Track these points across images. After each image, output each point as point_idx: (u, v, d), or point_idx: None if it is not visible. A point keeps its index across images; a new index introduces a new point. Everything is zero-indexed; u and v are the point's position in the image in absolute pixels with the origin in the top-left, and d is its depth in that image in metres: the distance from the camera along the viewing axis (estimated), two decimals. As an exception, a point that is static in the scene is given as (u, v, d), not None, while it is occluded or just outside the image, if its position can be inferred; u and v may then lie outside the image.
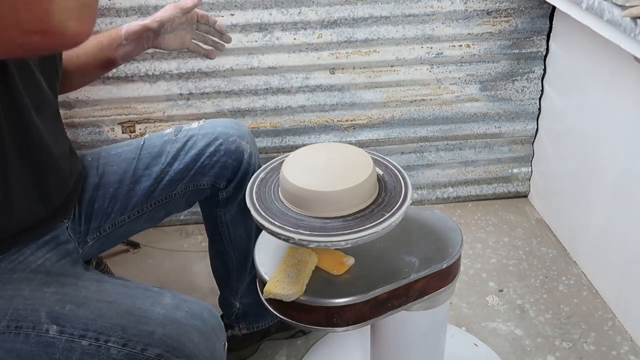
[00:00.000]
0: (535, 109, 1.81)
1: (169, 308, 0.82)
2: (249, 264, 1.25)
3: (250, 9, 1.59)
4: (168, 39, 1.11)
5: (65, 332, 0.80)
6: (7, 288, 0.84)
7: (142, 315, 0.80)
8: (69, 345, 0.79)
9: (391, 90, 1.74)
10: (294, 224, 0.85)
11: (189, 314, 0.82)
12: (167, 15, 1.07)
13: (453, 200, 1.92)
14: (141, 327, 0.79)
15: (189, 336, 0.79)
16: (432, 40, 1.68)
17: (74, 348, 0.79)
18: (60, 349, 0.79)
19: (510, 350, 1.34)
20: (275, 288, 0.86)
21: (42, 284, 0.85)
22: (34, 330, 0.80)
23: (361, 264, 0.91)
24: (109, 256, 1.66)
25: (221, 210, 1.20)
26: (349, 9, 1.62)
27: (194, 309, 0.83)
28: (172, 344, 0.77)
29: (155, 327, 0.79)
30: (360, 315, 0.88)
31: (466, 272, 1.58)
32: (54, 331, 0.80)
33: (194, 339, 0.79)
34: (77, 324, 0.80)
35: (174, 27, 1.09)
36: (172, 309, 0.82)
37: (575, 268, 1.59)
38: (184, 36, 1.13)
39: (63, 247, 0.95)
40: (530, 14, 1.66)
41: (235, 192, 1.16)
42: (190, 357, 0.78)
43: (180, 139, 1.13)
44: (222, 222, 1.21)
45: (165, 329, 0.79)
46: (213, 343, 0.82)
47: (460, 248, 0.95)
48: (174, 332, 0.79)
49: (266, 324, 1.34)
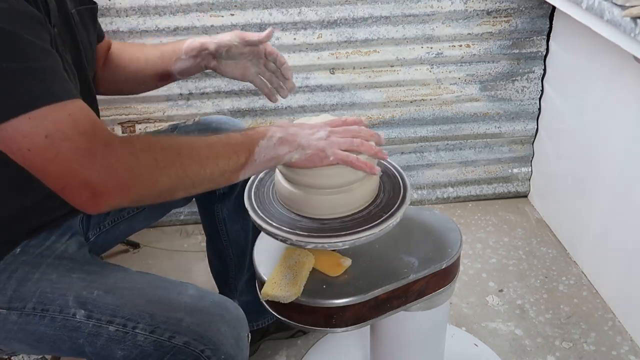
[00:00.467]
0: (535, 109, 1.80)
1: (195, 298, 0.83)
2: (246, 260, 1.25)
3: (250, 9, 1.59)
4: (227, 65, 1.07)
5: (92, 317, 0.80)
6: (34, 271, 0.84)
7: (169, 304, 0.81)
8: (96, 330, 0.80)
9: (391, 90, 1.74)
10: (292, 225, 0.85)
11: (214, 304, 0.83)
12: (226, 39, 1.03)
13: (453, 200, 1.92)
14: (169, 314, 0.80)
15: (216, 325, 0.80)
16: (432, 40, 1.68)
17: (100, 333, 0.80)
18: (85, 334, 0.80)
19: (510, 350, 1.34)
20: (272, 290, 0.86)
21: (68, 270, 0.85)
22: (60, 313, 0.81)
23: (360, 264, 0.91)
24: (109, 256, 1.66)
25: (218, 206, 1.20)
26: (349, 9, 1.62)
27: (217, 299, 0.85)
28: (199, 332, 0.78)
29: (183, 315, 0.79)
30: (359, 315, 0.88)
31: (466, 272, 1.58)
32: (81, 316, 0.80)
33: (220, 327, 0.80)
34: (105, 310, 0.80)
35: (232, 54, 1.05)
36: (198, 299, 0.83)
37: (575, 268, 1.59)
38: (246, 67, 1.08)
39: (78, 237, 0.96)
40: (530, 14, 1.66)
41: (232, 187, 1.16)
42: (217, 344, 0.78)
43: None
44: (219, 218, 1.21)
45: (192, 317, 0.79)
46: (238, 332, 0.82)
47: (459, 248, 0.95)
48: (201, 321, 0.79)
49: (266, 322, 1.34)
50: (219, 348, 0.78)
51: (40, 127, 0.65)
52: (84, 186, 0.67)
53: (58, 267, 0.86)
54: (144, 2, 1.55)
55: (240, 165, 0.77)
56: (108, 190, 0.68)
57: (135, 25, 1.58)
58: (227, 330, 0.80)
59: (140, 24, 1.58)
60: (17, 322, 0.81)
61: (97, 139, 0.68)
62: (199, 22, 1.60)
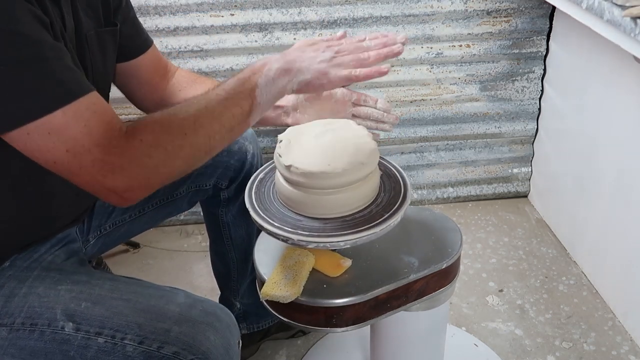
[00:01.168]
0: (535, 109, 1.80)
1: (184, 307, 0.82)
2: (249, 264, 1.25)
3: (250, 9, 1.59)
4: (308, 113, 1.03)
5: (81, 329, 0.80)
6: (21, 286, 0.84)
7: (158, 313, 0.80)
8: (85, 342, 0.79)
9: (391, 90, 1.74)
10: (292, 224, 0.85)
11: (204, 312, 0.82)
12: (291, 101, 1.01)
13: (453, 200, 1.92)
14: (157, 324, 0.79)
15: (205, 334, 0.79)
16: (432, 40, 1.68)
17: (90, 345, 0.79)
18: (75, 346, 0.79)
19: (510, 350, 1.34)
20: (272, 290, 0.86)
21: (55, 282, 0.85)
22: (49, 327, 0.80)
23: (360, 264, 0.91)
24: (109, 256, 1.66)
25: (222, 211, 1.19)
26: (349, 9, 1.62)
27: (207, 307, 0.83)
28: (188, 342, 0.77)
29: (171, 325, 0.79)
30: (359, 315, 0.88)
31: (466, 272, 1.58)
32: (70, 328, 0.80)
33: (210, 336, 0.79)
34: (93, 322, 0.80)
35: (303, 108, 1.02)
36: (187, 308, 0.82)
37: (575, 268, 1.59)
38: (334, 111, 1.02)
39: (70, 245, 0.96)
40: (530, 14, 1.66)
41: (237, 192, 1.16)
42: (207, 354, 0.78)
43: None
44: (223, 222, 1.21)
45: (181, 326, 0.79)
46: (228, 340, 0.82)
47: (459, 248, 0.95)
48: (190, 330, 0.79)
49: (266, 324, 1.34)
50: (209, 357, 0.78)
51: (60, 141, 0.67)
52: (111, 192, 0.71)
53: (45, 280, 0.85)
54: (144, 2, 1.55)
55: (246, 114, 0.76)
56: (133, 190, 0.71)
57: (135, 25, 1.58)
58: (216, 339, 0.80)
59: (140, 24, 1.58)
60: (7, 337, 0.81)
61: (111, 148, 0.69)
62: (199, 22, 1.60)
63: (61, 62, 0.69)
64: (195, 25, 1.60)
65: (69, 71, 0.69)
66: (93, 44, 0.89)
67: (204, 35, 1.62)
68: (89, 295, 0.83)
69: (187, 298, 0.84)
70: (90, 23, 0.89)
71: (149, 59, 1.07)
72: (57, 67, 0.68)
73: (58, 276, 0.86)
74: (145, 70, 1.07)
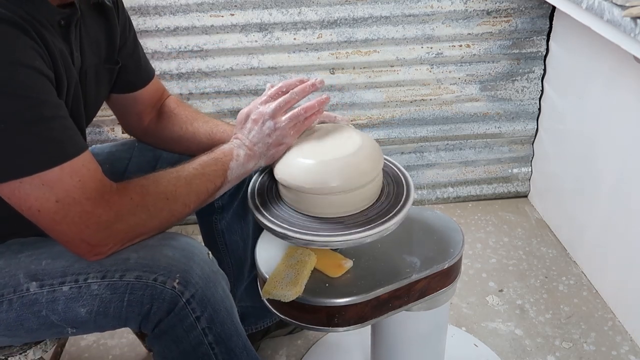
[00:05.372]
0: (535, 109, 1.81)
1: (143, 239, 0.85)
2: (245, 269, 1.25)
3: (250, 9, 1.59)
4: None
5: (45, 284, 0.80)
6: None
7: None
8: (52, 296, 0.80)
9: (391, 90, 1.74)
10: (295, 223, 0.85)
11: (160, 237, 0.84)
12: None
13: (453, 200, 1.92)
14: (117, 257, 0.80)
15: (162, 252, 0.81)
16: (432, 40, 1.68)
17: (57, 298, 0.80)
18: (44, 304, 0.80)
19: (510, 350, 1.34)
20: (273, 288, 0.86)
21: (15, 252, 0.85)
22: (15, 293, 0.80)
23: (362, 264, 0.91)
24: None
25: (217, 218, 1.19)
26: (349, 9, 1.62)
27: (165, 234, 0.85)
28: (147, 263, 0.79)
29: (128, 254, 0.80)
30: (361, 315, 0.88)
31: (466, 272, 1.58)
32: (34, 287, 0.80)
33: (168, 252, 0.81)
34: (55, 274, 0.81)
35: None
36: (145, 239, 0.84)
37: (575, 268, 1.59)
38: None
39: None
40: (530, 14, 1.66)
41: (231, 199, 1.16)
42: (168, 268, 0.79)
43: None
44: (217, 229, 1.21)
45: (139, 252, 0.81)
46: (190, 253, 0.82)
47: (461, 248, 0.95)
48: (147, 253, 0.81)
49: (265, 324, 1.34)
50: (171, 270, 0.79)
51: (51, 192, 0.72)
52: (84, 242, 0.76)
53: (4, 254, 0.85)
54: (144, 2, 1.55)
55: (217, 189, 0.88)
56: (108, 245, 0.78)
57: (135, 25, 1.56)
58: (175, 253, 0.81)
59: (140, 24, 1.58)
60: None
61: (102, 202, 0.75)
62: (199, 22, 1.59)
63: (61, 121, 0.74)
64: (195, 25, 1.60)
65: (68, 131, 0.75)
66: (90, 78, 0.92)
67: (204, 35, 1.62)
68: (49, 253, 0.83)
69: None
70: (93, 59, 0.92)
71: (149, 92, 1.11)
72: (57, 127, 0.73)
73: (19, 247, 0.86)
74: (141, 103, 1.10)
